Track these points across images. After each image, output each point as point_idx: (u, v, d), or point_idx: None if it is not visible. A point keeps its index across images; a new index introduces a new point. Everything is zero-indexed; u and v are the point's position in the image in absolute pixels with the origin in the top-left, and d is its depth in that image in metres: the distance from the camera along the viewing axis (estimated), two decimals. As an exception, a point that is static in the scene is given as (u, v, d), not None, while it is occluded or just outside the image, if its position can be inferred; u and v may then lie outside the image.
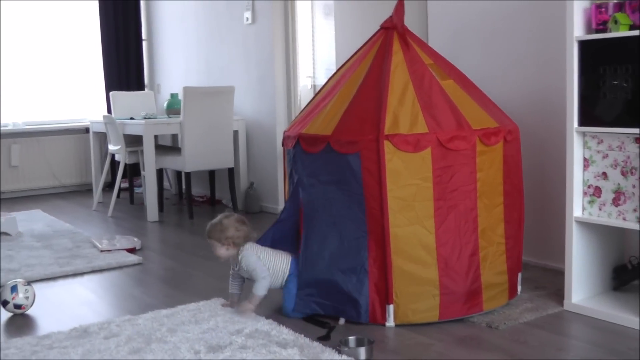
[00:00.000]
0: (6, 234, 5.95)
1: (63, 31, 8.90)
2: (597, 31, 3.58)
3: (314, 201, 3.70)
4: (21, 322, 3.86)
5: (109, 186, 8.46)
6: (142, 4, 9.25)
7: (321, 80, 6.64)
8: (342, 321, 3.60)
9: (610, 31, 3.50)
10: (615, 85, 3.46)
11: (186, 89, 6.65)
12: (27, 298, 3.97)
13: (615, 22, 3.46)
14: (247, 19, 7.11)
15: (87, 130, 8.61)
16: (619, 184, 3.55)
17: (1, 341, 3.49)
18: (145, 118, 7.04)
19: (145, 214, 6.88)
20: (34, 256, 5.23)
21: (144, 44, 9.35)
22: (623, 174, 3.53)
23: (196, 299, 4.03)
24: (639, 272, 3.89)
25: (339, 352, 3.17)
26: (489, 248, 3.63)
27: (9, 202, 8.17)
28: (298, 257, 3.77)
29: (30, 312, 4.00)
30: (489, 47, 4.82)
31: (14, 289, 3.95)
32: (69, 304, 4.17)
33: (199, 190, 8.03)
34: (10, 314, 3.95)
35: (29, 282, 4.10)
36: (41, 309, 4.04)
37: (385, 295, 3.52)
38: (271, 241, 3.91)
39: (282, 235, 3.90)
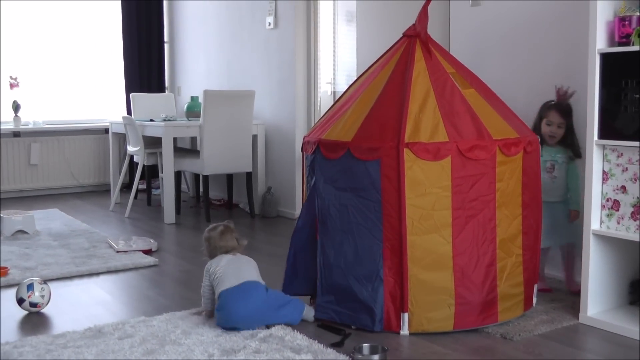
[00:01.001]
0: (24, 231, 5.98)
1: (85, 32, 8.95)
2: (620, 44, 3.56)
3: (329, 208, 3.69)
4: (36, 321, 3.88)
5: (126, 187, 8.48)
6: (165, 5, 9.30)
7: (342, 87, 6.64)
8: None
9: (634, 44, 3.48)
10: (637, 98, 3.44)
11: (207, 92, 6.67)
12: (42, 297, 3.99)
13: (639, 35, 3.45)
14: (270, 23, 7.13)
15: (106, 130, 8.64)
16: (638, 198, 3.53)
17: (15, 339, 3.51)
18: (165, 120, 7.05)
19: (162, 215, 6.90)
20: (51, 255, 5.26)
21: (166, 46, 9.38)
22: (643, 188, 3.51)
23: (211, 302, 4.04)
24: (656, 288, 3.87)
25: (353, 359, 3.17)
26: (507, 259, 3.61)
27: (28, 200, 8.22)
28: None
29: (45, 310, 4.02)
30: (510, 58, 4.81)
31: (30, 287, 3.97)
32: (84, 303, 4.19)
33: (216, 193, 8.04)
34: (25, 312, 3.97)
35: (45, 281, 4.12)
36: (56, 308, 4.06)
37: (400, 304, 3.51)
38: (294, 253, 3.92)
39: (302, 244, 3.89)
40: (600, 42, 3.60)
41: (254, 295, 3.56)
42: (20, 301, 3.96)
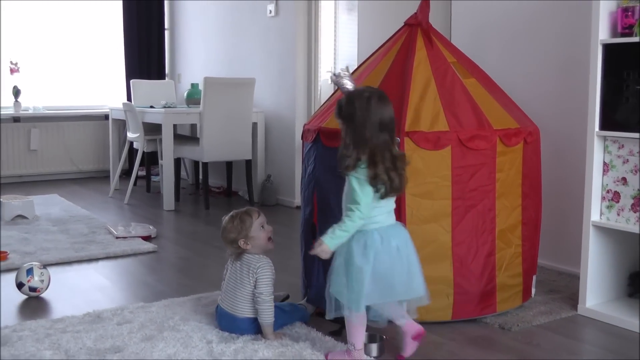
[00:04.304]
0: (23, 216, 5.98)
1: (86, 18, 8.93)
2: (623, 35, 3.55)
3: (328, 197, 3.69)
4: (36, 305, 3.89)
5: (126, 173, 8.48)
6: (166, -8, 9.29)
7: (342, 76, 6.61)
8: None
9: (636, 35, 3.47)
10: (638, 90, 3.44)
11: (207, 80, 6.66)
12: (42, 281, 3.99)
13: (642, 26, 3.44)
14: (270, 11, 7.11)
15: (106, 117, 8.63)
16: (638, 190, 3.53)
17: (15, 323, 3.52)
18: (165, 107, 7.05)
19: (161, 202, 6.90)
20: (50, 240, 5.26)
21: (166, 33, 9.37)
22: (643, 179, 3.51)
23: (210, 289, 4.03)
24: (655, 280, 3.87)
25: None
26: (506, 250, 3.61)
27: (27, 185, 8.21)
28: None
29: (44, 295, 4.02)
30: (512, 47, 4.80)
31: (29, 271, 3.97)
32: (83, 288, 4.19)
33: (215, 181, 8.04)
34: (25, 297, 3.98)
35: (44, 266, 4.12)
36: (56, 293, 4.06)
37: (399, 293, 3.51)
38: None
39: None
40: (603, 33, 3.59)
41: (245, 328, 3.36)
42: (19, 285, 3.96)
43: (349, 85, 3.16)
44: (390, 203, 3.03)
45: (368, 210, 2.92)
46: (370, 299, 2.96)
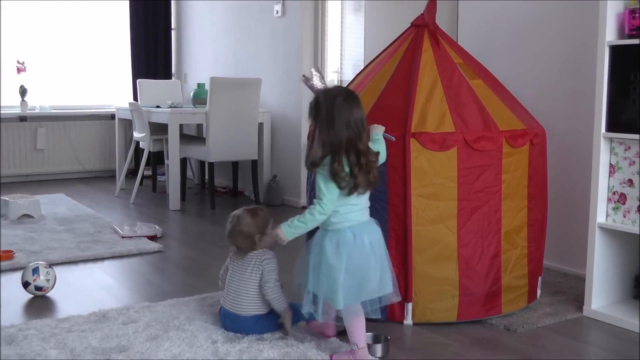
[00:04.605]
0: (29, 216, 5.99)
1: (93, 18, 8.94)
2: (630, 37, 3.54)
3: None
4: (41, 304, 3.89)
5: (132, 173, 8.48)
6: (173, -8, 9.30)
7: (348, 76, 6.63)
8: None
9: (643, 37, 3.47)
10: (646, 92, 3.43)
11: (213, 80, 6.67)
12: (48, 280, 4.00)
13: (649, 28, 3.44)
14: (277, 11, 7.11)
15: (112, 116, 8.65)
16: (645, 192, 3.52)
17: (20, 322, 3.52)
18: (171, 107, 7.05)
19: (167, 202, 6.90)
20: (56, 239, 5.27)
21: (173, 33, 9.38)
22: (650, 181, 3.50)
23: (215, 289, 4.02)
24: (661, 282, 3.86)
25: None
26: (512, 251, 3.61)
27: (33, 184, 8.23)
28: None
29: (50, 294, 4.03)
30: (519, 48, 4.79)
31: (35, 270, 3.98)
32: (88, 288, 4.20)
33: (221, 181, 8.04)
34: (31, 296, 3.98)
35: (50, 265, 4.13)
36: (61, 292, 4.07)
37: (404, 294, 3.51)
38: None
39: None
40: (610, 35, 3.59)
41: (249, 327, 3.36)
42: (25, 284, 3.97)
43: (318, 85, 3.22)
44: (362, 200, 3.06)
45: (330, 206, 2.97)
46: (347, 298, 3.00)
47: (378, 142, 3.24)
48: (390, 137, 3.32)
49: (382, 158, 3.19)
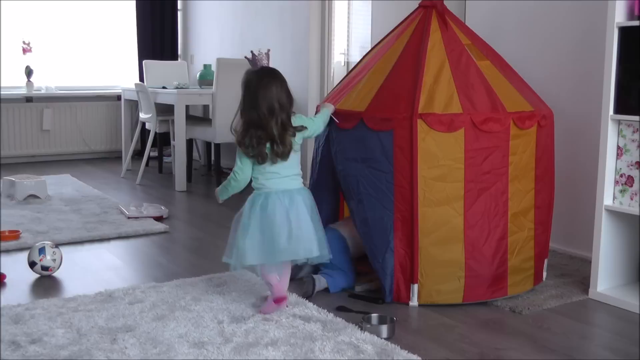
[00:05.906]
0: (36, 196, 6.00)
1: (99, -2, 8.93)
2: (639, 18, 3.52)
3: (339, 179, 3.69)
4: (48, 284, 3.90)
5: (138, 154, 8.47)
6: (179, -27, 9.26)
7: (355, 58, 6.60)
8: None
9: (653, 19, 3.44)
10: (655, 74, 3.41)
11: (219, 61, 6.65)
12: (54, 260, 4.01)
13: (659, 9, 3.41)
14: (284, -8, 7.09)
15: (118, 97, 8.63)
16: (652, 174, 3.51)
17: (27, 302, 3.54)
18: (177, 88, 7.04)
19: (173, 183, 6.91)
20: (62, 220, 5.28)
21: (179, 14, 9.35)
22: (657, 164, 3.49)
23: (221, 270, 4.03)
24: (667, 265, 3.86)
25: (361, 328, 3.17)
26: (519, 233, 3.60)
27: (40, 165, 8.24)
28: None
29: (57, 274, 4.04)
30: (527, 30, 4.77)
31: (42, 250, 3.99)
32: (95, 268, 4.21)
33: (227, 162, 8.03)
34: (37, 275, 4.00)
35: (56, 245, 4.14)
36: (68, 272, 4.08)
37: (410, 275, 3.51)
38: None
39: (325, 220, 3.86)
40: (619, 16, 3.56)
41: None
42: (32, 264, 3.98)
43: (262, 64, 3.66)
44: (284, 168, 3.41)
45: (241, 173, 3.41)
46: (254, 258, 3.30)
47: (320, 116, 3.67)
48: (335, 120, 3.62)
49: (312, 131, 3.59)
